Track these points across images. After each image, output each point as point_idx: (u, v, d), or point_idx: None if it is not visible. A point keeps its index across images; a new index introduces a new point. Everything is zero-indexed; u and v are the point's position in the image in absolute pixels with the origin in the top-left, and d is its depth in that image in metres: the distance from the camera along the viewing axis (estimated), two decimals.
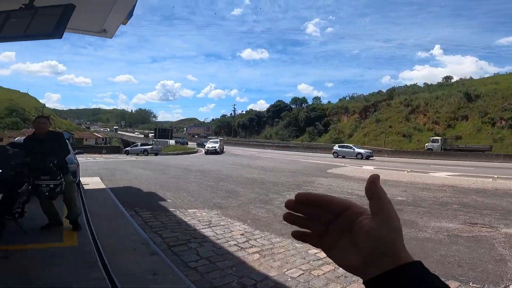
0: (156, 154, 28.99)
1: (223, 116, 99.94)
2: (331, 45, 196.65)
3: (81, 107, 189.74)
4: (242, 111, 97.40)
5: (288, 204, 0.41)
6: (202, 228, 4.79)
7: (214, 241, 4.22)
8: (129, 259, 3.09)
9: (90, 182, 8.29)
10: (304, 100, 77.53)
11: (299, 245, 4.01)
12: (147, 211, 5.64)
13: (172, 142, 40.90)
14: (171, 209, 5.93)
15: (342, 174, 13.35)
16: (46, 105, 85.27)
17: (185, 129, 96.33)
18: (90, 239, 3.34)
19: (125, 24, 6.93)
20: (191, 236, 4.39)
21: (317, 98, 76.94)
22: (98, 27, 7.23)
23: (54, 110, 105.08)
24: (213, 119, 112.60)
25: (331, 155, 27.75)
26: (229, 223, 5.23)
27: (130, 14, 6.58)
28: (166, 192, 7.79)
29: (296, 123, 65.84)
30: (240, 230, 4.85)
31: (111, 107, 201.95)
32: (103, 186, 7.91)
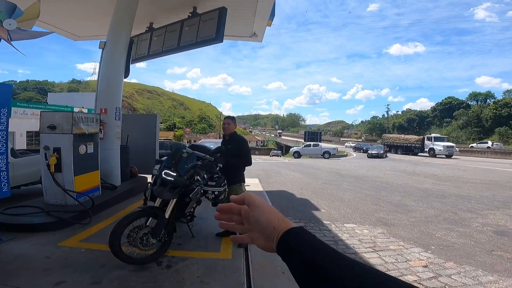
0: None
1: (374, 117, 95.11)
2: None
3: (246, 113, 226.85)
4: (397, 111, 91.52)
5: (218, 215, 0.59)
6: (365, 252, 3.83)
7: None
8: (275, 284, 2.63)
9: (251, 183, 8.63)
10: (489, 94, 62.23)
11: None
12: (300, 221, 5.21)
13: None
14: (325, 222, 5.27)
15: None
16: (223, 113, 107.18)
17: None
18: (243, 253, 3.14)
19: (270, 26, 7.11)
20: None
21: (509, 91, 57.21)
22: (249, 32, 7.79)
23: None
24: (362, 121, 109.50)
25: None
26: (402, 247, 3.99)
27: (272, 14, 6.69)
28: (319, 200, 7.21)
29: (479, 123, 54.94)
30: (421, 259, 3.55)
31: (266, 113, 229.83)
32: (261, 189, 8.18)
